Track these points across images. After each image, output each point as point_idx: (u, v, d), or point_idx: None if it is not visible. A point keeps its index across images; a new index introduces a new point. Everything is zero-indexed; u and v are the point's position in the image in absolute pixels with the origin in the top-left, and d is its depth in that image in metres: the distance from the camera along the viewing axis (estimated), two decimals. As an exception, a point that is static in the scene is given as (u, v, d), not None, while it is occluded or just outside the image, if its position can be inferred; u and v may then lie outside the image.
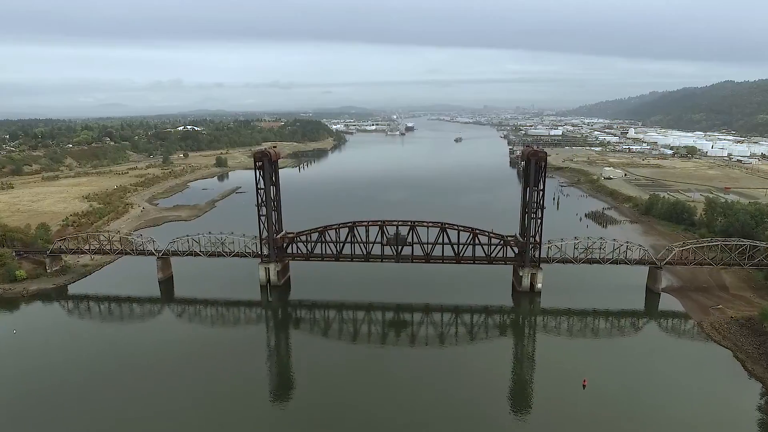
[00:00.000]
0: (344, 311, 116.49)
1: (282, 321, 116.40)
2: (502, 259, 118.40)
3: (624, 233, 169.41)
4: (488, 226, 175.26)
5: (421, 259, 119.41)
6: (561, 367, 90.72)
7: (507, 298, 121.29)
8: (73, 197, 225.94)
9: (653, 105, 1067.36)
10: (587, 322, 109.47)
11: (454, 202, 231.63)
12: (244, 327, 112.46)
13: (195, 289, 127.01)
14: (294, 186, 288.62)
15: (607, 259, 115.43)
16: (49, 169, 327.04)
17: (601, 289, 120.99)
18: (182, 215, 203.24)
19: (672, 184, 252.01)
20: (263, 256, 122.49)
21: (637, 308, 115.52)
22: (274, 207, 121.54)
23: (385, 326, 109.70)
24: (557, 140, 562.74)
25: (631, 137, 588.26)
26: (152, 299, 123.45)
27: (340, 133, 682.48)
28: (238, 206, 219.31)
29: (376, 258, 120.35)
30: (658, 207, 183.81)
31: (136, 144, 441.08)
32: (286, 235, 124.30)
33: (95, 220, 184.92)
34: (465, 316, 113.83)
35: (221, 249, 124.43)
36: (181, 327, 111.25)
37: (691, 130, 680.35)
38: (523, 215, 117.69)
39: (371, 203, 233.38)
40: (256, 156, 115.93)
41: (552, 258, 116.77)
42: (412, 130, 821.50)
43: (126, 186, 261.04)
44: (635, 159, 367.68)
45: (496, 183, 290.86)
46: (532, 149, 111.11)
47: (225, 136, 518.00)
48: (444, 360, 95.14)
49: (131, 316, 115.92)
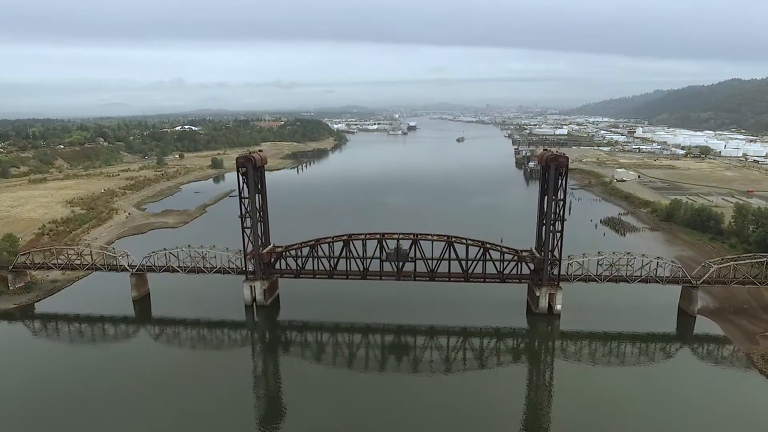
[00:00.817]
0: (339, 334, 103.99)
1: (270, 344, 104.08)
2: (516, 277, 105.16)
3: (644, 242, 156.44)
4: (497, 234, 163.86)
5: (424, 277, 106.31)
6: (582, 397, 80.00)
7: (521, 319, 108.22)
8: (57, 202, 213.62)
9: (658, 104, 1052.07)
10: (612, 347, 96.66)
11: (459, 206, 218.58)
12: (227, 350, 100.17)
13: (174, 308, 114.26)
14: (290, 188, 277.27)
15: (636, 277, 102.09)
16: (38, 171, 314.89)
17: (626, 310, 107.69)
18: (169, 222, 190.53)
19: (689, 186, 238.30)
20: (248, 272, 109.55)
21: (669, 331, 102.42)
22: (260, 218, 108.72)
23: (385, 350, 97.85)
24: (563, 140, 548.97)
25: (639, 136, 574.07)
26: (127, 319, 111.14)
27: (341, 132, 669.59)
28: (229, 211, 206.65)
29: (374, 275, 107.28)
30: (680, 213, 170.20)
31: (130, 145, 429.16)
32: (273, 249, 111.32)
33: (75, 227, 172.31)
34: (474, 340, 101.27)
35: (202, 264, 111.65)
36: (158, 350, 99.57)
37: (699, 129, 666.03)
38: (540, 227, 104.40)
39: (371, 207, 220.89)
40: (239, 162, 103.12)
41: (573, 275, 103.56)
42: (414, 129, 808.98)
43: (114, 190, 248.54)
44: (646, 159, 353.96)
45: (503, 185, 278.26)
46: (551, 153, 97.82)
47: (223, 136, 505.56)
48: (450, 388, 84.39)
49: (104, 338, 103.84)
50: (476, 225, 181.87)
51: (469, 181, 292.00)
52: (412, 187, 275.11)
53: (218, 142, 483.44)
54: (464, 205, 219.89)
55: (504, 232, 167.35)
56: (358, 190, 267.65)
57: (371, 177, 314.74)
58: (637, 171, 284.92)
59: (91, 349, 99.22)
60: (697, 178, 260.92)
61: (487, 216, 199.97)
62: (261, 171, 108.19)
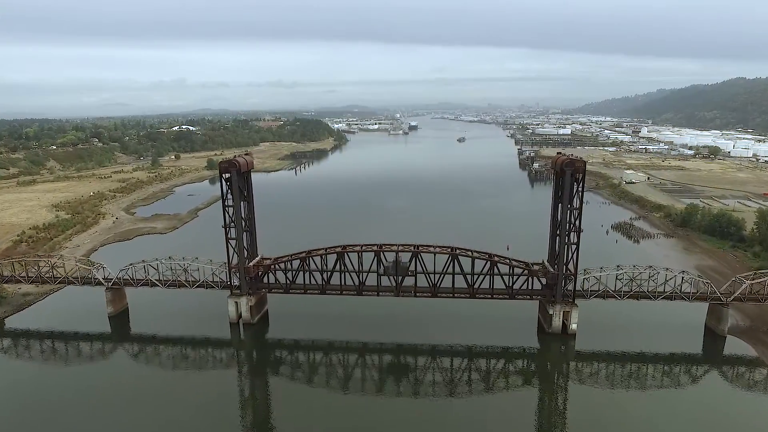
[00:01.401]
0: (333, 353, 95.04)
1: (258, 364, 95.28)
2: (526, 293, 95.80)
3: (660, 250, 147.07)
4: (503, 240, 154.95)
5: (426, 292, 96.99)
6: (600, 425, 73.22)
7: (531, 338, 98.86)
8: (42, 206, 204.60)
9: (661, 103, 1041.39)
10: (632, 370, 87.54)
11: (462, 209, 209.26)
12: (211, 371, 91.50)
13: (155, 324, 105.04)
14: (287, 191, 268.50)
15: (659, 293, 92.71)
16: (28, 172, 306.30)
17: (648, 328, 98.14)
18: (158, 227, 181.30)
19: (702, 189, 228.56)
20: (233, 287, 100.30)
21: (695, 352, 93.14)
22: (246, 227, 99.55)
23: (383, 372, 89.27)
24: (567, 140, 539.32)
25: (645, 136, 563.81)
26: (104, 336, 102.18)
27: (341, 132, 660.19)
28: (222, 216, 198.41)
29: (371, 291, 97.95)
30: (696, 218, 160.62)
31: (125, 145, 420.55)
32: (261, 261, 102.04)
33: (57, 234, 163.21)
34: (480, 361, 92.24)
35: (184, 278, 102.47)
36: (137, 370, 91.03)
37: (704, 128, 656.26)
38: (553, 238, 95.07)
39: (369, 210, 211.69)
40: (222, 167, 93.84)
41: (589, 291, 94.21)
42: (415, 129, 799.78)
43: (104, 192, 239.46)
44: (654, 160, 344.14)
45: (507, 186, 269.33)
46: (567, 157, 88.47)
47: (220, 136, 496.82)
48: (454, 414, 76.43)
49: (78, 357, 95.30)
50: (480, 230, 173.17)
51: (472, 182, 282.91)
52: (413, 188, 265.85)
53: (216, 142, 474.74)
54: (467, 209, 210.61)
55: (510, 238, 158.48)
56: (356, 192, 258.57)
57: (370, 178, 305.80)
58: (645, 172, 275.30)
59: (65, 369, 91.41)
60: (708, 180, 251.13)
61: (492, 220, 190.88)
62: (247, 176, 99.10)
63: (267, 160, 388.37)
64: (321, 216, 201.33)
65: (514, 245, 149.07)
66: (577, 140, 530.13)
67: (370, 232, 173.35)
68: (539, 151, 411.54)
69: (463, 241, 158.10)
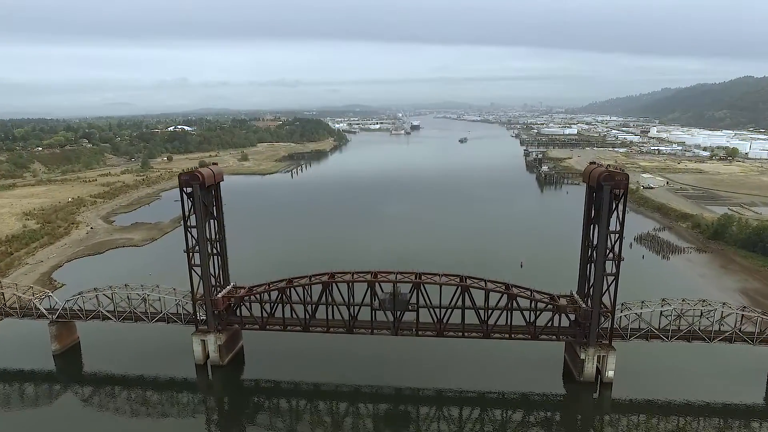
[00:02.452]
0: (320, 400, 79.63)
1: (231, 411, 79.72)
2: (551, 332, 79.13)
3: (694, 268, 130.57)
4: (516, 255, 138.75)
5: (430, 330, 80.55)
6: None
7: (557, 384, 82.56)
8: (13, 214, 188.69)
9: (667, 102, 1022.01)
10: (679, 425, 71.51)
11: (468, 218, 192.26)
12: (176, 420, 76.87)
13: (110, 362, 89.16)
14: (280, 196, 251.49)
15: (716, 333, 76.13)
16: (11, 175, 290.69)
17: (697, 374, 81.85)
18: (135, 238, 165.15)
19: (727, 195, 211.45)
20: (198, 322, 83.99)
21: (756, 402, 76.75)
22: (214, 251, 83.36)
23: (379, 422, 74.40)
24: (573, 140, 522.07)
25: (654, 136, 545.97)
26: (52, 376, 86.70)
27: (341, 132, 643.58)
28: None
29: (363, 327, 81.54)
30: (731, 231, 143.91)
31: (117, 146, 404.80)
32: (233, 291, 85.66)
33: (20, 247, 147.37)
34: (495, 411, 76.44)
35: (143, 309, 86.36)
36: (89, 416, 76.78)
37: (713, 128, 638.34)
38: (585, 266, 78.49)
39: (367, 218, 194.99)
40: (182, 180, 77.37)
41: (629, 331, 77.70)
42: (417, 129, 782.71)
43: (85, 198, 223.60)
44: (668, 162, 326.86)
45: (515, 191, 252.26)
46: (605, 169, 71.92)
47: (216, 137, 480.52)
48: None
49: (22, 400, 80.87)
50: (489, 243, 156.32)
51: (477, 185, 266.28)
52: (415, 193, 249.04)
53: (211, 143, 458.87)
54: (474, 217, 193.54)
55: (524, 252, 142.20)
56: (354, 196, 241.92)
57: (369, 181, 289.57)
58: (662, 176, 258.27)
59: (5, 415, 76.94)
60: (732, 185, 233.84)
61: (501, 231, 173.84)
62: (215, 190, 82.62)
63: (263, 162, 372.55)
64: (313, 225, 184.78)
65: (529, 263, 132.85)
66: (584, 140, 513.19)
67: (367, 243, 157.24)
68: (546, 153, 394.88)
69: (470, 255, 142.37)
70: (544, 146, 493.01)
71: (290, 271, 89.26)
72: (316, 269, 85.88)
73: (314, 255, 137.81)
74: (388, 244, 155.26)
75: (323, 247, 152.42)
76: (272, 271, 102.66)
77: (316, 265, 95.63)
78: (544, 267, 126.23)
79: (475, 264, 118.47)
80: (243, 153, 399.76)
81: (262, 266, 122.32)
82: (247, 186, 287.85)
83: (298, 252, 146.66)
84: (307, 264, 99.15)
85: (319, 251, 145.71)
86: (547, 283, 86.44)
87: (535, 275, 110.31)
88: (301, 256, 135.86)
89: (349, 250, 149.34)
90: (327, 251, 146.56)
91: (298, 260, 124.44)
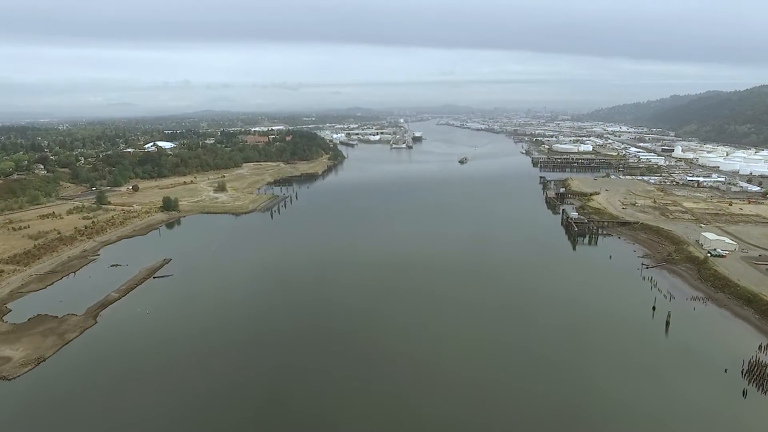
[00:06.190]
0: None
1: None
2: None
3: None
4: (562, 372, 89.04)
5: None
6: None
7: None
8: None
9: (680, 112, 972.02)
10: None
11: (485, 295, 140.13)
12: None
13: None
14: (246, 251, 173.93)
15: None
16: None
17: None
18: (14, 357, 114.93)
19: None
20: None
21: None
22: None
23: None
24: (590, 161, 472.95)
25: (680, 157, 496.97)
26: None
27: (337, 148, 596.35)
28: (137, 321, 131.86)
29: None
30: None
31: (77, 172, 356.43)
32: None
33: None
34: None
35: None
36: None
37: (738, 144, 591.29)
38: None
39: (360, 292, 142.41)
40: None
41: None
42: (419, 141, 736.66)
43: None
44: (717, 202, 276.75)
45: (542, 249, 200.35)
46: None
47: (196, 157, 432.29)
48: None
49: None
50: (519, 341, 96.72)
51: (489, 227, 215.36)
52: (414, 262, 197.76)
53: (188, 165, 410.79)
54: (495, 295, 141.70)
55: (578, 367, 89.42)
56: (345, 247, 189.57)
57: (367, 215, 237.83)
58: (724, 230, 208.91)
59: None
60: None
61: (529, 317, 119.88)
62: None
63: (242, 194, 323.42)
64: (279, 314, 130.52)
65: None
66: (603, 162, 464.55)
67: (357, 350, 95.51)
68: (567, 183, 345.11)
69: (499, 366, 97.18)
70: (560, 169, 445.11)
71: None
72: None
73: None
74: (381, 345, 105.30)
75: (287, 352, 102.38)
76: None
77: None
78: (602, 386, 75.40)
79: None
80: (221, 181, 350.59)
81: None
82: (217, 227, 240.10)
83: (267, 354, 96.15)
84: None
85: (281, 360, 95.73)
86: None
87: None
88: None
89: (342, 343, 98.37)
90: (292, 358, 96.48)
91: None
